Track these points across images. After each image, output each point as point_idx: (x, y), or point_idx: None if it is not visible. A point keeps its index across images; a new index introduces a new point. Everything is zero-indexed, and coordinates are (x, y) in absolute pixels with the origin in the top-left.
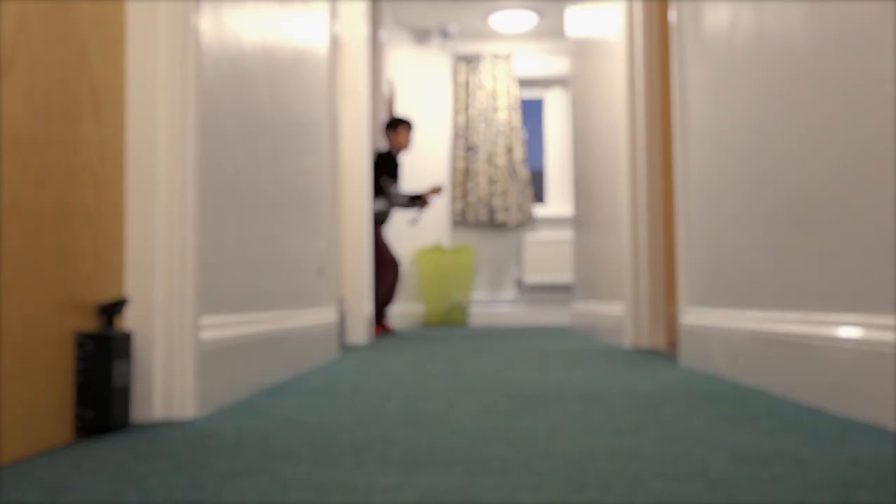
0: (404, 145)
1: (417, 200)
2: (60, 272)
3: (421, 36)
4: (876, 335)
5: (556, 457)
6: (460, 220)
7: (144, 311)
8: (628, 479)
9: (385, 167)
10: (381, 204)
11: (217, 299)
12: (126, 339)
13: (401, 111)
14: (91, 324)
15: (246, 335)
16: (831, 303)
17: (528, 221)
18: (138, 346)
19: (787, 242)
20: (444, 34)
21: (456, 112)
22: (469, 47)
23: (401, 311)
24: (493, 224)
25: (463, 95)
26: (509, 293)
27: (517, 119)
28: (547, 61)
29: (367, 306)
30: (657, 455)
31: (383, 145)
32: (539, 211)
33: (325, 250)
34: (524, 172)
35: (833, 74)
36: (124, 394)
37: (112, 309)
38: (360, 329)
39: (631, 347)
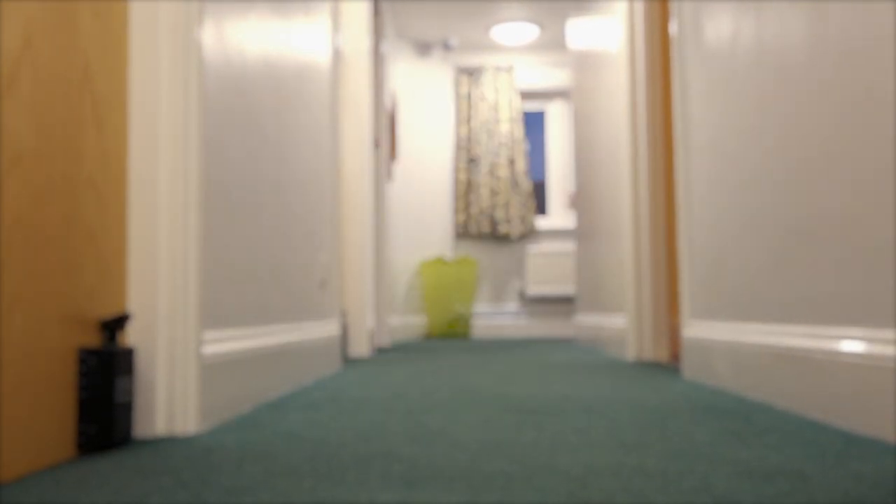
0: None
1: None
2: (63, 287)
3: (423, 48)
4: (878, 349)
5: (559, 472)
6: (462, 232)
7: (147, 325)
8: (632, 494)
9: None
10: None
11: (219, 313)
12: (128, 354)
13: (402, 122)
14: (94, 339)
15: (248, 349)
16: (834, 316)
17: (530, 233)
18: (141, 361)
19: (789, 255)
20: (446, 47)
21: (458, 124)
22: (471, 60)
23: (403, 323)
24: (495, 236)
25: (465, 107)
26: (512, 305)
27: (519, 131)
28: (548, 73)
29: (369, 319)
30: (661, 470)
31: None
32: (541, 222)
33: (327, 263)
34: (526, 184)
35: (834, 88)
36: (127, 409)
37: (115, 324)
38: (362, 342)
39: (634, 360)
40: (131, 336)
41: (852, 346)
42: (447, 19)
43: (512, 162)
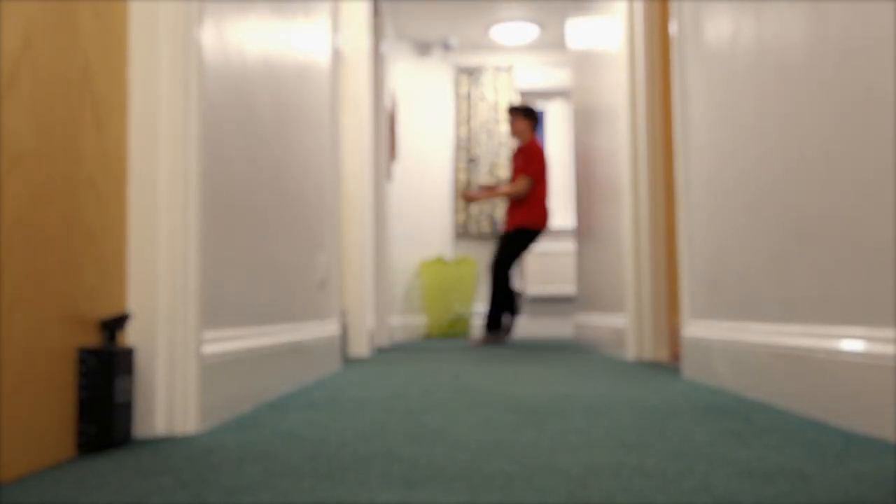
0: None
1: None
2: (63, 287)
3: (422, 48)
4: (878, 348)
5: (559, 472)
6: (462, 232)
7: (147, 325)
8: (632, 494)
9: None
10: None
11: (219, 313)
12: (128, 354)
13: (402, 122)
14: (93, 339)
15: (248, 349)
16: (833, 316)
17: None
18: (140, 361)
19: (789, 255)
20: (446, 46)
21: (458, 124)
22: (470, 59)
23: (403, 324)
24: (495, 236)
25: (465, 107)
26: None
27: None
28: (548, 73)
29: (369, 319)
30: (661, 470)
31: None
32: None
33: (327, 263)
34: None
35: (834, 88)
36: (126, 409)
37: (114, 324)
38: (362, 341)
39: (634, 360)
40: (131, 336)
41: (852, 345)
42: (447, 19)
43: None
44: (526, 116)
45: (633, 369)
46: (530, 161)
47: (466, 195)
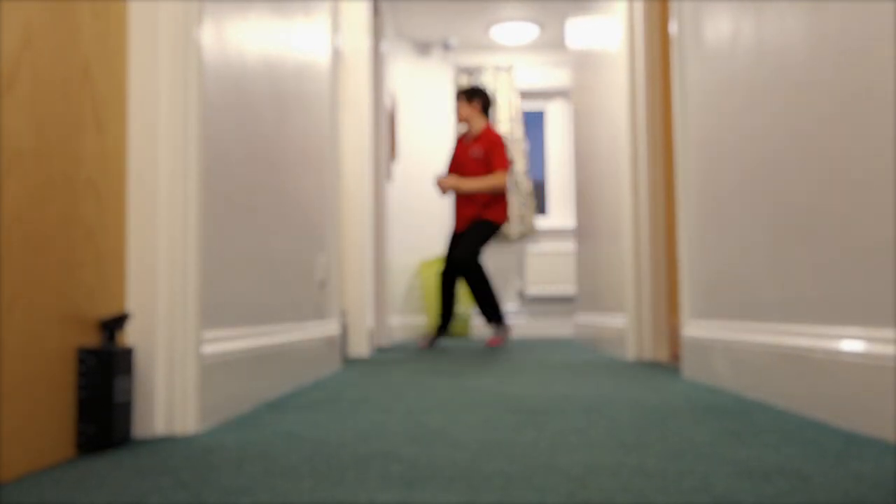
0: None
1: None
2: (62, 287)
3: (422, 48)
4: (878, 349)
5: (559, 472)
6: None
7: (146, 325)
8: (632, 494)
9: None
10: None
11: (219, 313)
12: (128, 354)
13: (402, 122)
14: (93, 338)
15: (248, 349)
16: (833, 316)
17: (530, 233)
18: (140, 361)
19: (789, 255)
20: (446, 46)
21: (458, 123)
22: (470, 59)
23: (403, 324)
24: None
25: None
26: (512, 305)
27: (519, 131)
28: (548, 73)
29: (369, 319)
30: (661, 470)
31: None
32: (541, 222)
33: (326, 263)
34: (526, 184)
35: (833, 88)
36: (126, 409)
37: (114, 324)
38: (362, 342)
39: (634, 360)
40: (130, 336)
41: (852, 345)
42: (447, 19)
43: (511, 162)
44: (469, 100)
45: (633, 369)
46: (499, 152)
47: (442, 184)
